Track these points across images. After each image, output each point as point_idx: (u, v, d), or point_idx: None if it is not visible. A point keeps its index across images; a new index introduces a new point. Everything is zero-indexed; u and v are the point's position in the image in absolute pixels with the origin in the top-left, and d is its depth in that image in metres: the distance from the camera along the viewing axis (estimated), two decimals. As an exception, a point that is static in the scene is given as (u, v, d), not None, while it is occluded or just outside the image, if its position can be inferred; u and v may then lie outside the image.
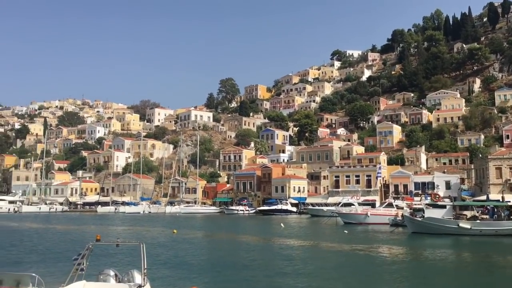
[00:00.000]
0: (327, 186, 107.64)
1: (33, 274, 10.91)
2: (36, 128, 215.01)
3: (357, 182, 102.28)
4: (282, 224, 60.46)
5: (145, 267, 13.32)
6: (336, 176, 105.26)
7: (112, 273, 13.97)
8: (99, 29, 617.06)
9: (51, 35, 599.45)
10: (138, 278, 13.66)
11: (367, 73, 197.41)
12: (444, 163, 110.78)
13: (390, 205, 67.22)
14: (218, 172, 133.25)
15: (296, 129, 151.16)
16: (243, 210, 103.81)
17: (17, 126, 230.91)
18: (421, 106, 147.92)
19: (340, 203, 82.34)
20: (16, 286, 10.73)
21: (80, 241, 43.10)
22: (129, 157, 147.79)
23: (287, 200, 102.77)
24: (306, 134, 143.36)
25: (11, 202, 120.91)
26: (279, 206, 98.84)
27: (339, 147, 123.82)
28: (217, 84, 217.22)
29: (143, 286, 12.99)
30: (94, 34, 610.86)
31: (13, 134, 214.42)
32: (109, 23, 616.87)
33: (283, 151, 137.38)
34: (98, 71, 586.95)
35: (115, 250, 31.79)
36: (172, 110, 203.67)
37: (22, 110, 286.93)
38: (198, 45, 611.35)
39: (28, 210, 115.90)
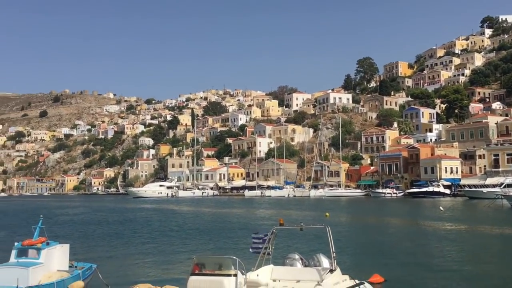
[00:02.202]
0: (484, 166, 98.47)
1: (234, 257, 10.87)
2: (185, 118, 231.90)
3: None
4: (441, 208, 56.49)
5: (334, 250, 12.69)
6: (495, 155, 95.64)
7: (297, 256, 13.63)
8: (238, 26, 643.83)
9: (195, 33, 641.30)
10: (325, 262, 13.10)
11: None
12: None
13: None
14: (360, 154, 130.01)
15: (443, 106, 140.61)
16: (390, 193, 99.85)
17: (168, 117, 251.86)
18: None
19: (502, 184, 74.71)
20: (219, 269, 10.77)
21: (241, 223, 44.90)
22: (270, 143, 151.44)
23: (438, 182, 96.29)
24: (456, 111, 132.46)
25: (169, 187, 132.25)
26: (430, 188, 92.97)
27: (496, 123, 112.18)
28: (354, 65, 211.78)
29: (334, 271, 12.38)
30: (234, 30, 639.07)
31: (166, 125, 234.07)
32: (246, 20, 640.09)
33: (430, 130, 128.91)
34: (236, 62, 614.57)
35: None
36: (309, 94, 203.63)
37: (172, 103, 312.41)
38: (331, 26, 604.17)
39: (184, 195, 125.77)
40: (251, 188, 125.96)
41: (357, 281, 12.90)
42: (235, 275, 10.50)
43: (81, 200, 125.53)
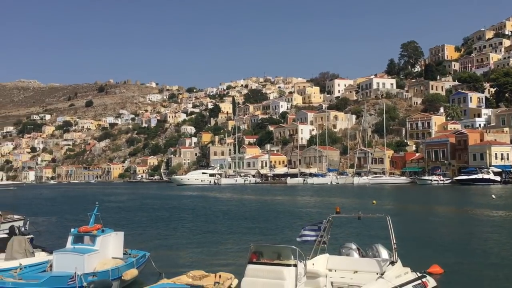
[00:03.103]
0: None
1: (294, 247, 10.51)
2: (226, 106, 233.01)
3: None
4: (493, 195, 54.35)
5: (395, 241, 12.14)
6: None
7: (354, 246, 13.17)
8: (277, 12, 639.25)
9: (234, 20, 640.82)
10: (384, 253, 12.60)
11: None
12: None
13: None
14: (405, 140, 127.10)
15: (493, 90, 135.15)
16: (437, 180, 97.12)
17: (210, 106, 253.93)
18: None
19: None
20: (278, 259, 10.43)
21: (285, 211, 44.59)
22: (312, 130, 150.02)
23: (488, 169, 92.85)
24: (506, 95, 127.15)
25: (211, 175, 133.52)
26: (479, 175, 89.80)
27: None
28: (397, 49, 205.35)
29: (395, 263, 11.83)
30: (271, 16, 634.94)
31: (207, 113, 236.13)
32: (285, 6, 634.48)
33: (479, 115, 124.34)
34: (277, 49, 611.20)
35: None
36: (351, 80, 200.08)
37: (213, 91, 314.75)
38: (373, 10, 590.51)
39: (226, 182, 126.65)
40: (293, 175, 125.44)
41: (418, 274, 12.32)
42: (295, 265, 10.14)
43: (127, 188, 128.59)
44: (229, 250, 22.41)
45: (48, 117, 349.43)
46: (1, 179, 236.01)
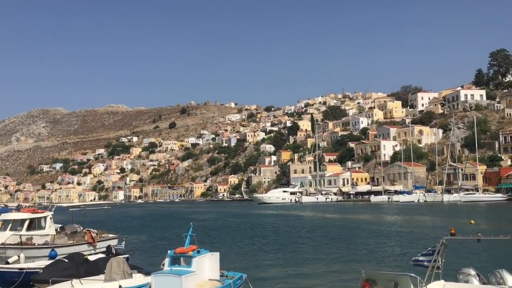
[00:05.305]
0: None
1: (413, 275, 9.43)
2: (304, 124, 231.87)
3: None
4: None
5: None
6: None
7: (473, 272, 11.79)
8: (355, 24, 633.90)
9: (312, 37, 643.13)
10: (510, 280, 11.12)
11: None
12: None
13: None
14: (499, 155, 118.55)
15: None
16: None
17: (288, 124, 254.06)
18: None
19: None
20: (394, 287, 9.38)
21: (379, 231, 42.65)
22: (395, 145, 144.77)
23: None
24: None
25: (292, 193, 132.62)
26: None
27: None
28: (485, 58, 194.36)
29: None
30: (347, 30, 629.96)
31: (286, 132, 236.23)
32: (363, 18, 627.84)
33: None
34: (355, 64, 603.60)
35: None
36: (436, 92, 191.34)
37: (291, 109, 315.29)
38: (457, 18, 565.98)
39: (308, 201, 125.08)
40: (377, 193, 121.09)
41: None
42: None
43: (209, 206, 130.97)
44: (322, 272, 21.39)
45: (135, 139, 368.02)
46: (94, 199, 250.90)
